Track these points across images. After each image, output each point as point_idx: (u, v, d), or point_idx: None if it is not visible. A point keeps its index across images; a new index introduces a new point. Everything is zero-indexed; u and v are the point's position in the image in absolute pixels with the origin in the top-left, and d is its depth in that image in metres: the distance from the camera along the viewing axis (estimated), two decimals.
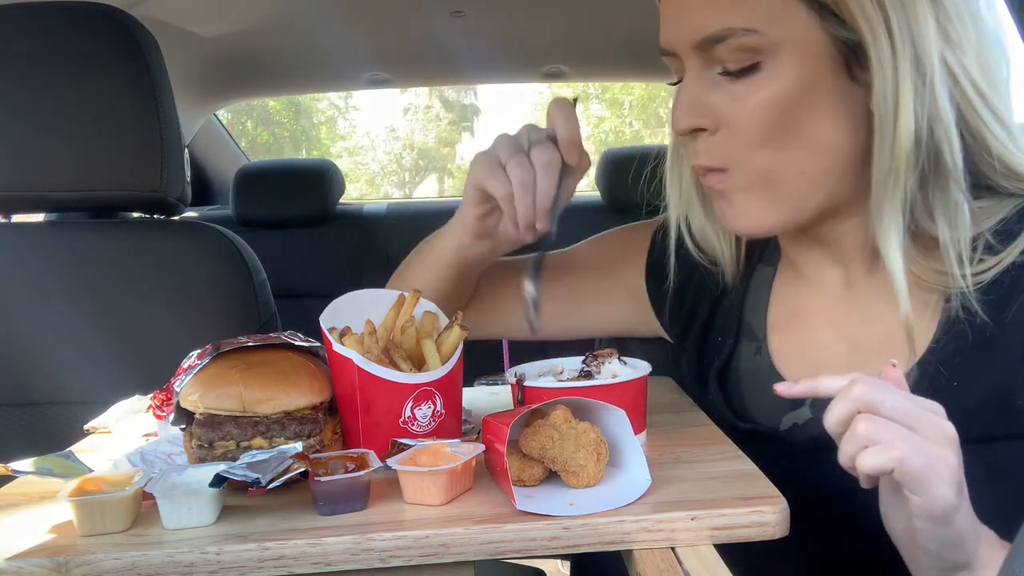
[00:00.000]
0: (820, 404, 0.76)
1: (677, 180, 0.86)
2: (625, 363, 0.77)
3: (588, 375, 0.76)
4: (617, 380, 0.73)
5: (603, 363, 0.77)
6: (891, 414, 0.56)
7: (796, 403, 0.79)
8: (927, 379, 0.72)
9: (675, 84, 0.77)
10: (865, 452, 0.56)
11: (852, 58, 0.68)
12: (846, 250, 0.79)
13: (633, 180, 0.93)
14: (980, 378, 0.70)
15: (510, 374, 0.77)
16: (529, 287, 0.77)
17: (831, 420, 0.59)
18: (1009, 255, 0.69)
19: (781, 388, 0.63)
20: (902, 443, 0.54)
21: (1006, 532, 0.61)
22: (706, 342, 0.90)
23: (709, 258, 0.89)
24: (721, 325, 0.89)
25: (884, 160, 0.68)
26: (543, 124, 0.82)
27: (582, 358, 0.79)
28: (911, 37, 0.66)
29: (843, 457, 0.58)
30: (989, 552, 0.60)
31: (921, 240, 0.72)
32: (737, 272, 0.88)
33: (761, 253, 0.89)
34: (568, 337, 1.01)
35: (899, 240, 0.69)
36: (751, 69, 0.69)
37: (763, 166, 0.72)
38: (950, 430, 0.57)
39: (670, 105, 0.83)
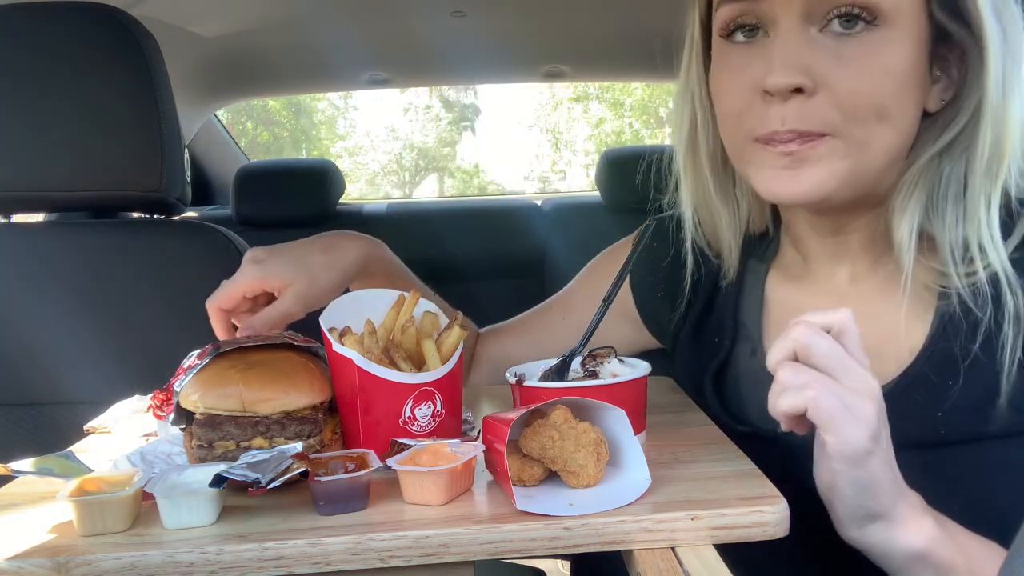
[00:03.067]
0: None
1: (692, 170, 0.85)
2: (624, 363, 0.77)
3: (589, 375, 0.76)
4: (617, 380, 0.73)
5: (602, 363, 0.77)
6: (821, 361, 0.61)
7: None
8: (920, 376, 0.72)
9: (735, 40, 0.73)
10: (783, 394, 0.61)
11: (936, 51, 0.69)
12: (858, 243, 0.79)
13: (633, 180, 0.93)
14: (974, 377, 0.70)
15: (510, 374, 0.77)
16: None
17: (771, 361, 0.63)
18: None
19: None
20: (816, 386, 0.59)
21: (1009, 532, 0.61)
22: (701, 342, 0.90)
23: (715, 250, 0.88)
24: (716, 325, 0.88)
25: (987, 153, 0.68)
26: (542, 122, 0.82)
27: (581, 359, 0.79)
28: (1019, 48, 0.68)
29: (770, 406, 0.63)
30: (909, 512, 0.63)
31: (921, 237, 0.72)
32: (735, 265, 0.88)
33: (754, 248, 0.89)
34: None
35: (996, 224, 0.70)
36: (865, 30, 0.67)
37: (862, 136, 0.69)
38: (871, 383, 0.61)
39: (670, 105, 0.83)
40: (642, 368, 0.75)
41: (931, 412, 0.71)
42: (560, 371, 0.78)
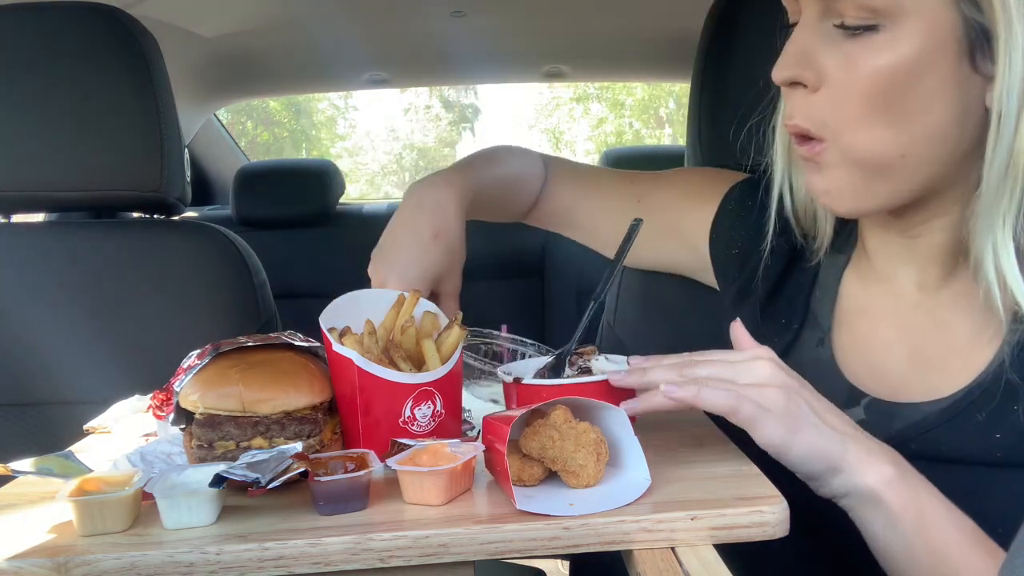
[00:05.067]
0: (874, 408, 0.75)
1: (785, 138, 0.81)
2: (609, 359, 0.77)
3: (583, 372, 0.76)
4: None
5: (588, 360, 0.77)
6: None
7: (851, 401, 0.77)
8: (984, 395, 0.69)
9: (788, 27, 0.72)
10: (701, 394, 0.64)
11: (978, 45, 0.65)
12: (926, 250, 0.75)
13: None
14: None
15: (507, 375, 0.76)
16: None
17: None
18: None
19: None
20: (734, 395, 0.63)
21: None
22: (767, 319, 0.86)
23: (802, 229, 0.85)
24: (786, 307, 0.85)
25: (1001, 160, 0.65)
26: (542, 122, 0.81)
27: (568, 357, 0.79)
28: None
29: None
30: (861, 454, 0.64)
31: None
32: (828, 235, 0.83)
33: (833, 239, 0.85)
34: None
35: (1011, 248, 0.66)
36: (869, 29, 0.65)
37: (862, 144, 0.67)
38: (762, 368, 0.65)
39: (670, 106, 0.82)
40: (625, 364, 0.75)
41: (990, 432, 0.68)
42: (556, 368, 0.78)
